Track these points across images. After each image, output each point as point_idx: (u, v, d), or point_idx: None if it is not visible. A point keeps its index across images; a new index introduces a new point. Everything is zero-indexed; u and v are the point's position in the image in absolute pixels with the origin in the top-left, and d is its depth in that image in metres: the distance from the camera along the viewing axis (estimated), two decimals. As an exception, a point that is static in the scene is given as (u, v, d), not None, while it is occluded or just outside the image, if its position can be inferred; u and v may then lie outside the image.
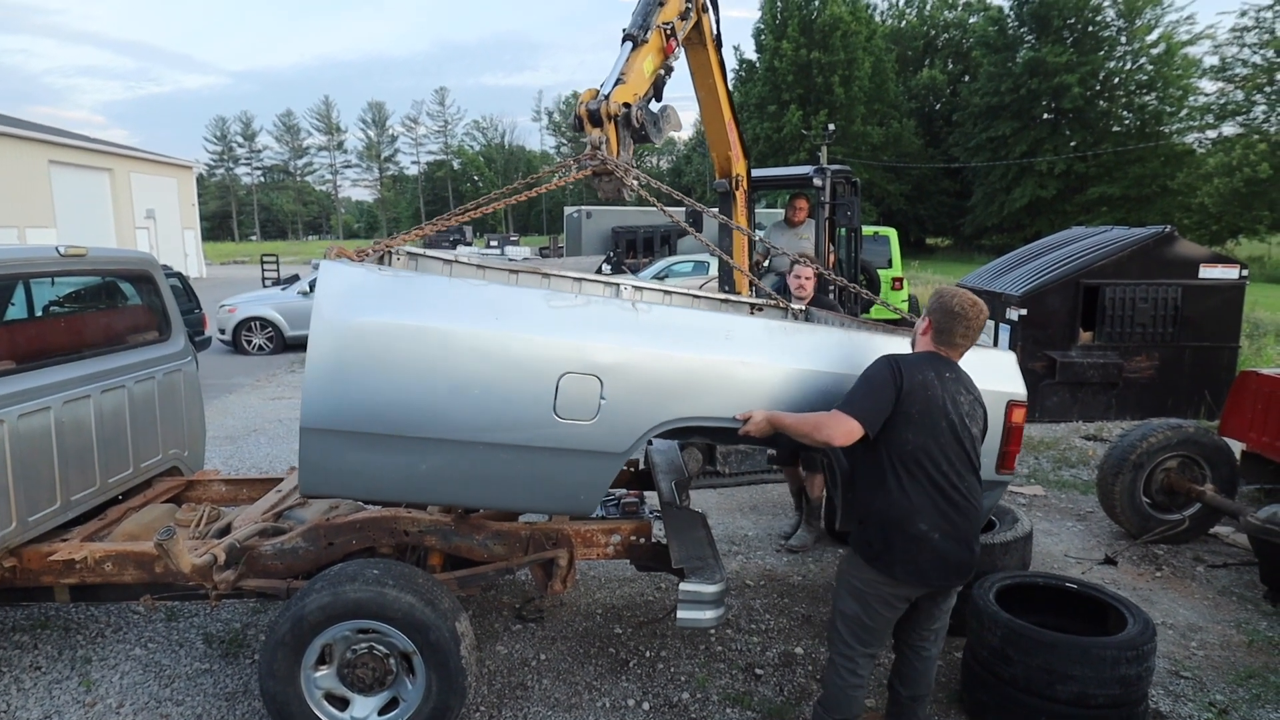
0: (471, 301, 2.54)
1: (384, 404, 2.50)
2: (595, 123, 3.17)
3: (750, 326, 2.76)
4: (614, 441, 2.61)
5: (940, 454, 2.43)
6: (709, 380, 2.64)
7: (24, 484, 3.06)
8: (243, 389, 9.96)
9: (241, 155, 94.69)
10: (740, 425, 2.63)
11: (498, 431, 2.56)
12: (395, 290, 2.51)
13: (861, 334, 2.89)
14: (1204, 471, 4.83)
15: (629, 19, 3.74)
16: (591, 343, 2.56)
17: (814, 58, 44.88)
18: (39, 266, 3.40)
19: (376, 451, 2.57)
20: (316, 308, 2.46)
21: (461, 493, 2.73)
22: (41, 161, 23.70)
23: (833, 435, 2.41)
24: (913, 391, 2.41)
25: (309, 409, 2.49)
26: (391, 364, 2.48)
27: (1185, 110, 38.84)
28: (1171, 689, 3.30)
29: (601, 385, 2.56)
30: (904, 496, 2.43)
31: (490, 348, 2.51)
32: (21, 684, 3.31)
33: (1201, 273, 7.59)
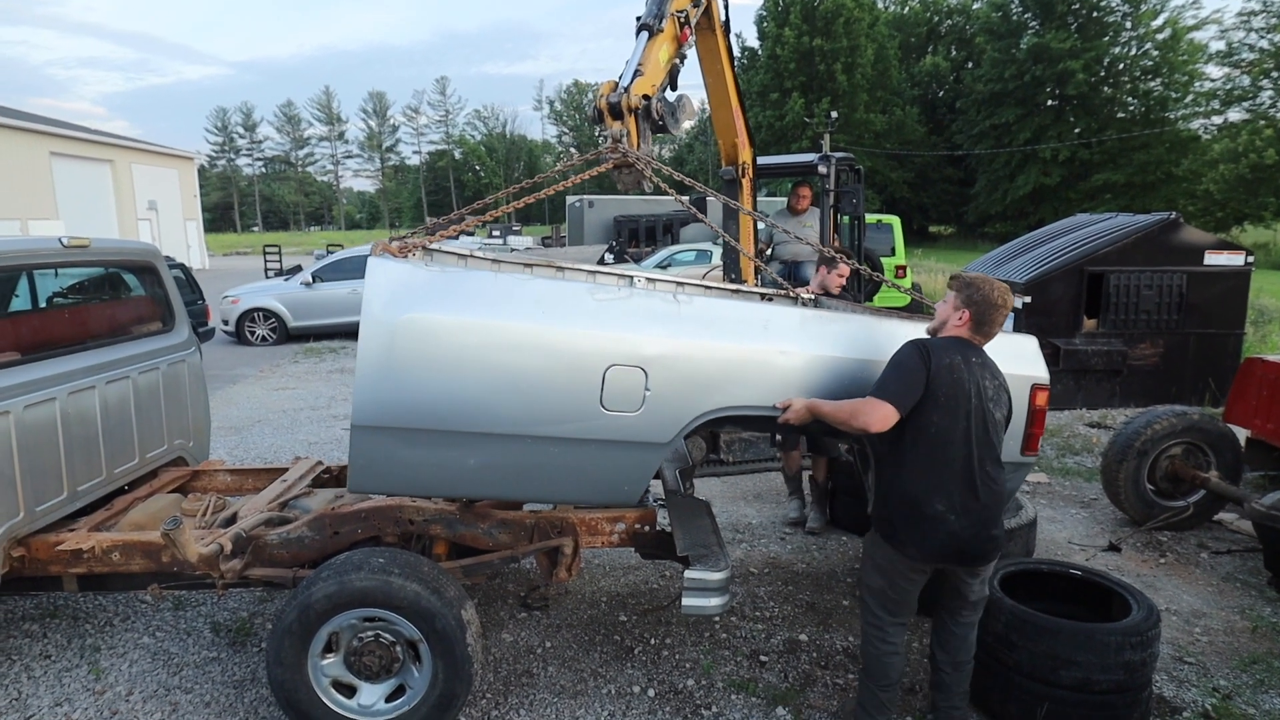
0: (518, 296, 2.54)
1: (434, 400, 2.49)
2: (616, 115, 3.18)
3: (787, 316, 2.80)
4: (658, 432, 2.64)
5: (963, 437, 2.48)
6: (749, 370, 2.68)
7: (31, 474, 3.07)
8: (246, 380, 9.98)
9: (243, 146, 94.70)
10: (780, 413, 2.68)
11: (545, 425, 2.57)
12: (443, 286, 2.50)
13: (889, 321, 2.92)
14: (1208, 458, 4.82)
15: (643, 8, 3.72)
16: (636, 335, 2.57)
17: (816, 45, 44.60)
18: (42, 258, 3.40)
19: (426, 447, 2.57)
20: (366, 305, 2.44)
21: (509, 486, 2.74)
22: (43, 153, 23.69)
23: (869, 421, 2.46)
24: (940, 375, 2.47)
25: (360, 406, 2.48)
26: (441, 359, 2.47)
27: (1191, 96, 38.59)
28: (1175, 674, 3.31)
29: (646, 377, 2.57)
30: (923, 477, 2.49)
31: (537, 342, 2.51)
32: (32, 672, 3.34)
33: (1206, 260, 7.56)
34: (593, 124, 3.29)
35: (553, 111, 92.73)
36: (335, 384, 9.67)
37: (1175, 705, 3.10)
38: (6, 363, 3.09)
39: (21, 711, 3.08)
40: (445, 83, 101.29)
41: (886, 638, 2.69)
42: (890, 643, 2.69)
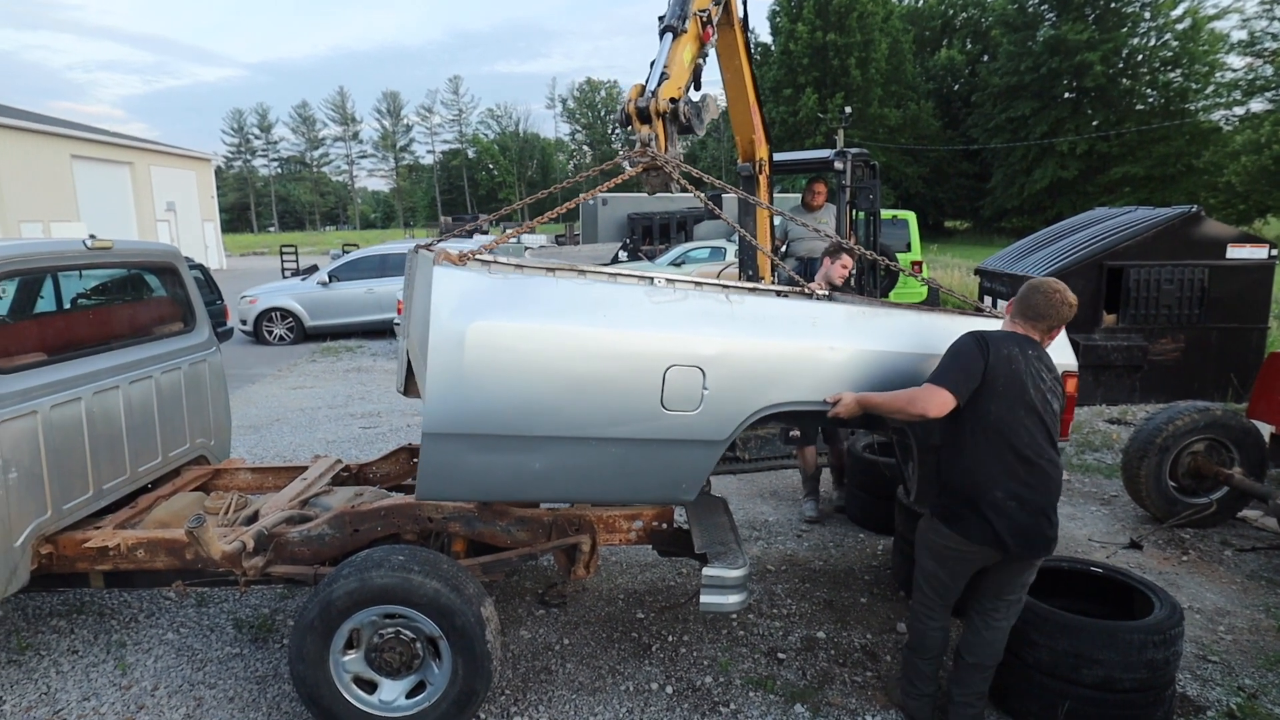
0: (579, 301, 2.58)
1: (501, 405, 2.52)
2: (644, 120, 3.20)
3: (833, 313, 2.85)
4: (716, 430, 2.69)
5: (1021, 426, 2.56)
6: (800, 366, 2.73)
7: (58, 472, 3.12)
8: (265, 379, 10.08)
9: (259, 147, 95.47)
10: (830, 408, 2.74)
11: (608, 426, 2.60)
12: (507, 293, 2.53)
13: (931, 316, 2.99)
14: (1232, 455, 4.76)
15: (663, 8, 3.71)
16: (693, 335, 2.62)
17: (830, 40, 44.32)
18: (67, 259, 3.45)
19: (493, 452, 2.61)
20: (434, 314, 2.45)
21: (571, 488, 2.78)
22: (64, 156, 24.01)
23: (928, 407, 2.53)
24: (998, 365, 2.54)
25: (431, 414, 2.50)
26: (507, 365, 2.50)
27: (1212, 86, 37.96)
28: (1199, 673, 3.28)
29: (704, 376, 2.61)
30: (984, 465, 2.57)
31: (599, 345, 2.55)
32: (60, 667, 3.40)
33: (1229, 253, 7.45)
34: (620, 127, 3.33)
35: (565, 109, 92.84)
36: (352, 383, 9.75)
37: (1199, 704, 3.07)
38: (33, 363, 3.14)
39: (51, 705, 3.14)
40: (458, 82, 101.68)
41: (933, 616, 2.82)
42: (936, 620, 2.83)
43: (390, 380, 9.82)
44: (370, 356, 11.64)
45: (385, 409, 8.28)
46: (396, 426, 7.52)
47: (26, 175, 22.13)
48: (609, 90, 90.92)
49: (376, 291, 12.73)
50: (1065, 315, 2.67)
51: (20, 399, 2.96)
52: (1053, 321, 2.68)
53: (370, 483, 4.09)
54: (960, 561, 2.70)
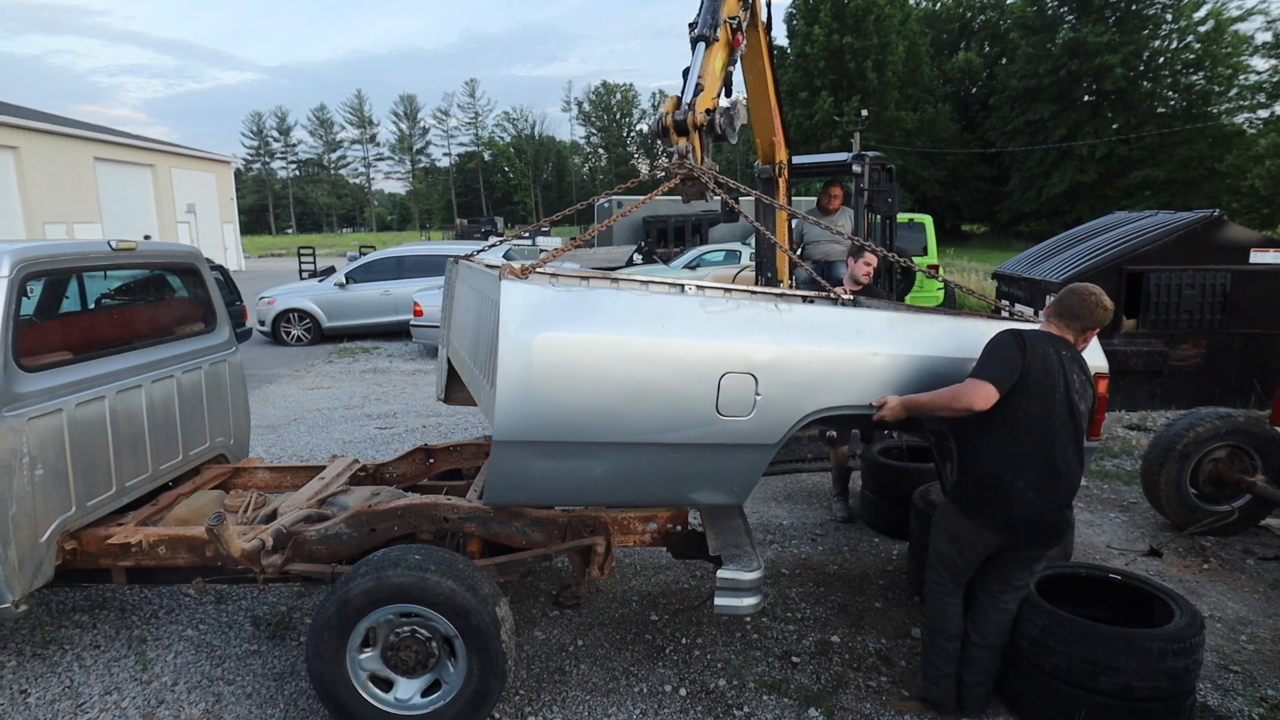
0: (638, 311, 2.66)
1: (568, 413, 2.60)
2: (681, 132, 3.26)
3: (876, 320, 2.95)
4: (768, 434, 2.77)
5: (1049, 423, 2.67)
6: (846, 371, 2.83)
7: (82, 470, 3.18)
8: (282, 379, 10.18)
9: (277, 149, 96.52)
10: (875, 411, 2.83)
11: (667, 432, 2.68)
12: (571, 305, 2.62)
13: (966, 321, 3.09)
14: (1254, 462, 4.70)
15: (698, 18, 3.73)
16: (746, 343, 2.70)
17: (846, 42, 44.21)
18: (92, 260, 3.51)
19: (559, 459, 2.69)
20: (503, 326, 2.53)
21: (631, 492, 2.87)
22: (88, 159, 24.36)
23: (973, 400, 2.63)
24: (1033, 363, 2.65)
25: (502, 422, 2.57)
26: (574, 374, 2.58)
27: (1235, 89, 37.50)
28: (1220, 683, 3.23)
29: (756, 382, 2.70)
30: (1007, 457, 2.69)
31: (659, 353, 2.63)
32: (83, 661, 3.45)
33: (1252, 258, 7.35)
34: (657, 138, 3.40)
35: (581, 113, 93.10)
36: (368, 383, 9.83)
37: (1220, 714, 3.03)
38: (59, 362, 3.19)
39: (74, 699, 3.19)
40: (474, 85, 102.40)
41: (949, 595, 2.94)
42: (952, 598, 2.94)
43: (406, 381, 9.89)
44: (386, 358, 11.72)
45: (401, 410, 8.34)
46: (412, 427, 7.57)
47: (51, 177, 22.49)
48: (624, 94, 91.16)
49: (393, 293, 12.82)
50: (1101, 318, 2.77)
51: (46, 397, 3.01)
52: (1087, 323, 2.78)
53: (387, 483, 4.13)
54: (973, 545, 2.83)
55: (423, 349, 12.09)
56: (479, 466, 4.13)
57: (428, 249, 14.45)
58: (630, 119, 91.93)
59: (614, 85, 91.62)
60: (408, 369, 10.80)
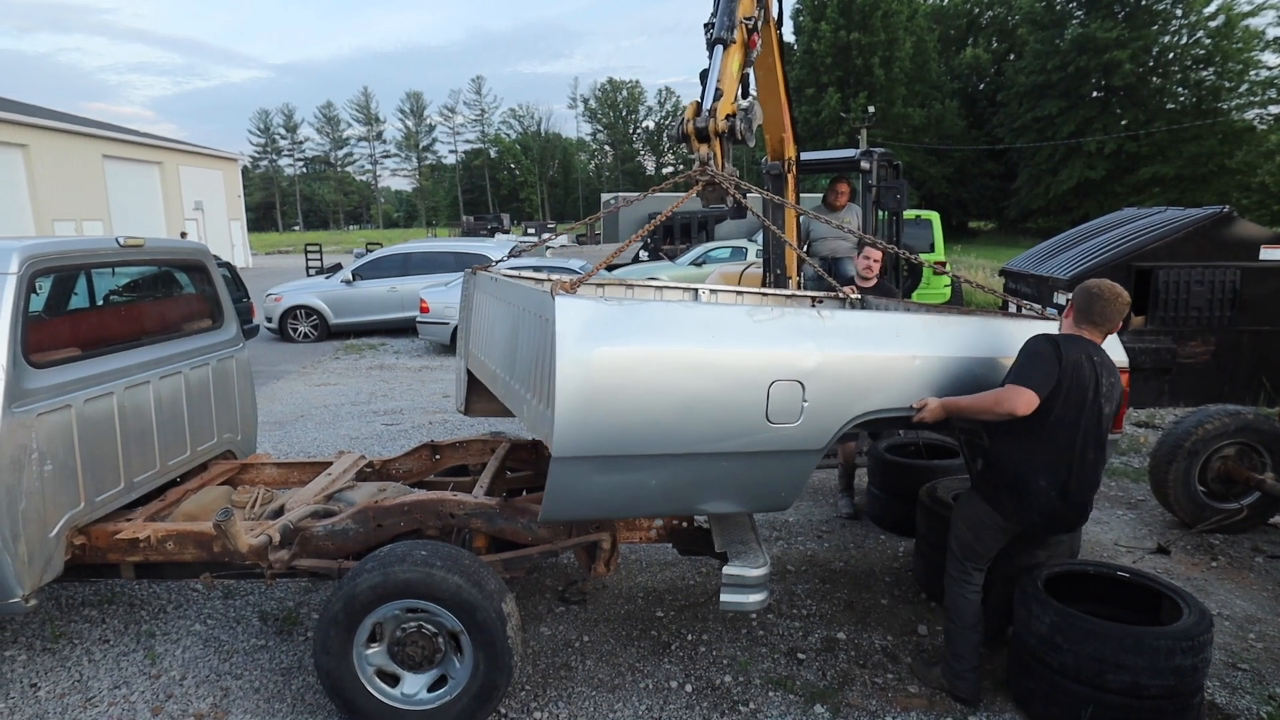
0: (688, 322, 2.66)
1: (625, 426, 2.60)
2: (702, 139, 3.26)
3: (913, 324, 2.98)
4: (814, 439, 2.79)
5: (1077, 427, 2.77)
6: (887, 375, 2.86)
7: (91, 465, 3.19)
8: (290, 376, 10.22)
9: (284, 147, 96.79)
10: (915, 413, 2.87)
11: (720, 441, 2.69)
12: (624, 318, 2.62)
13: (994, 321, 3.15)
14: (1264, 459, 4.67)
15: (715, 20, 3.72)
16: (793, 350, 2.72)
17: (853, 39, 44.05)
18: (100, 257, 3.52)
19: (615, 472, 2.68)
20: (559, 342, 2.51)
21: (683, 502, 2.87)
22: (96, 156, 24.49)
23: (1016, 406, 2.70)
24: (1067, 369, 2.74)
25: (562, 439, 2.55)
26: (630, 388, 2.57)
27: (1245, 85, 37.21)
28: (1228, 681, 3.22)
29: (803, 389, 2.72)
30: (1034, 455, 2.80)
31: (710, 363, 2.64)
32: (92, 655, 3.48)
33: (1262, 254, 7.29)
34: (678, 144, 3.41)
35: (587, 110, 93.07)
36: (375, 380, 9.85)
37: (1228, 713, 3.02)
38: (67, 358, 3.21)
39: (83, 693, 3.21)
40: (480, 82, 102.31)
41: (969, 580, 3.05)
42: (971, 583, 3.05)
43: (412, 378, 9.92)
44: (393, 354, 11.75)
45: (407, 406, 8.36)
46: (418, 423, 7.59)
47: (60, 175, 22.61)
48: (630, 90, 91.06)
49: (399, 290, 12.85)
50: (1124, 316, 2.86)
51: (55, 393, 3.03)
52: (1114, 324, 2.86)
53: (393, 479, 4.14)
54: (993, 533, 2.97)
55: (429, 345, 12.12)
56: (484, 463, 4.14)
57: (434, 246, 14.48)
58: (636, 116, 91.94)
59: (620, 82, 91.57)
60: (414, 365, 10.83)
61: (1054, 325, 3.07)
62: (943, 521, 3.78)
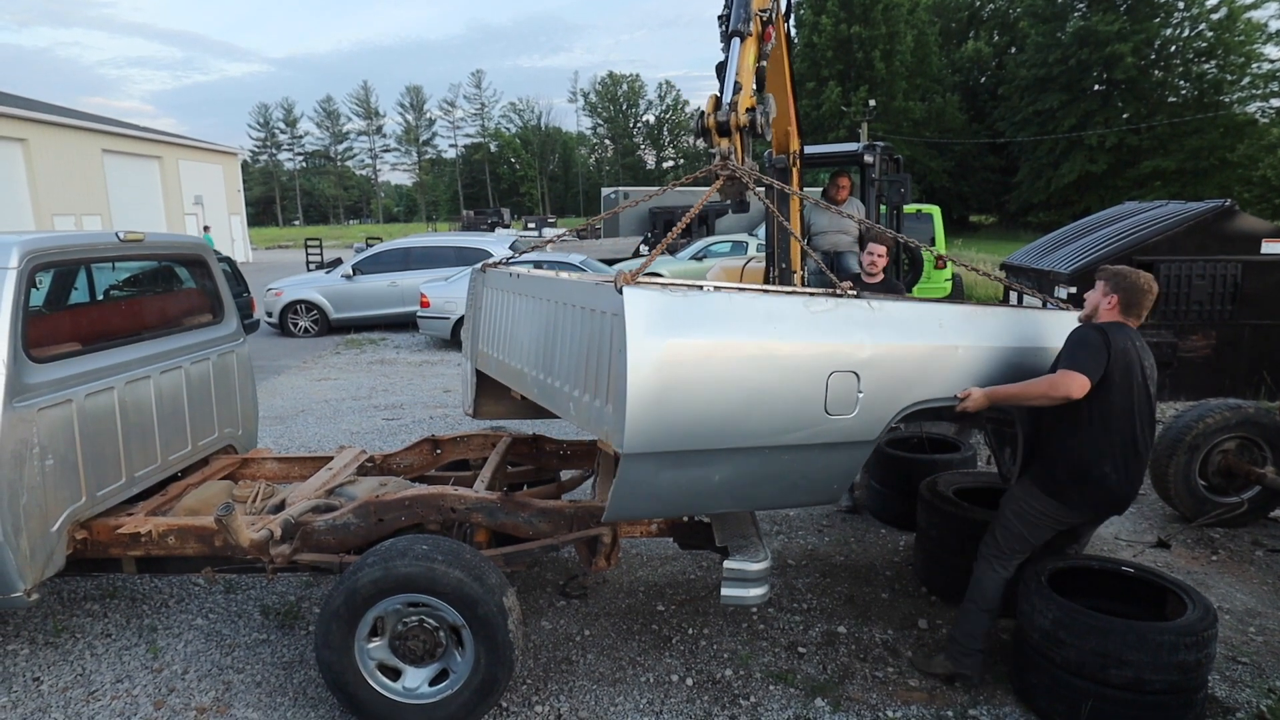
0: (751, 314, 2.64)
1: (695, 420, 2.56)
2: (723, 133, 3.24)
3: (955, 314, 3.00)
4: (868, 430, 2.80)
5: (1131, 410, 2.87)
6: (934, 365, 2.90)
7: (92, 460, 3.19)
8: (290, 370, 10.22)
9: (284, 141, 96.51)
10: (959, 403, 2.91)
11: (781, 434, 2.68)
12: (689, 310, 2.57)
13: (1025, 313, 3.21)
14: (1264, 453, 4.67)
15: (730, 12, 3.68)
16: (847, 341, 2.72)
17: (854, 32, 43.92)
18: (100, 251, 3.52)
19: (681, 469, 2.65)
20: (630, 336, 2.44)
21: (743, 497, 2.86)
22: (95, 151, 24.44)
23: (1070, 390, 2.77)
24: (1117, 356, 2.82)
25: (633, 434, 2.49)
26: (699, 381, 2.53)
27: (1248, 78, 37.11)
28: (1229, 675, 3.22)
29: (858, 380, 2.72)
30: (1095, 444, 2.87)
31: (773, 355, 2.62)
32: (94, 649, 3.48)
33: (1264, 248, 7.27)
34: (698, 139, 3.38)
35: (587, 103, 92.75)
36: (375, 375, 9.85)
37: (1228, 706, 3.02)
38: (68, 353, 3.20)
39: (86, 686, 3.22)
40: (480, 76, 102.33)
41: (1005, 566, 3.10)
42: (1007, 570, 3.11)
43: (413, 372, 9.91)
44: (394, 349, 11.75)
45: (408, 401, 8.37)
46: (419, 418, 7.59)
47: (59, 169, 22.57)
48: (631, 84, 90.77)
49: (400, 284, 12.84)
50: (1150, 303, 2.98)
51: (56, 388, 3.03)
52: (1147, 310, 2.96)
53: (394, 473, 4.14)
54: (1050, 525, 3.04)
55: (429, 340, 12.11)
56: (485, 457, 4.13)
57: (434, 240, 14.46)
58: (636, 110, 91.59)
59: (620, 76, 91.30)
60: (414, 360, 10.82)
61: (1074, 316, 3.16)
62: (943, 515, 3.79)
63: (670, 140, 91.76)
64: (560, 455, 4.28)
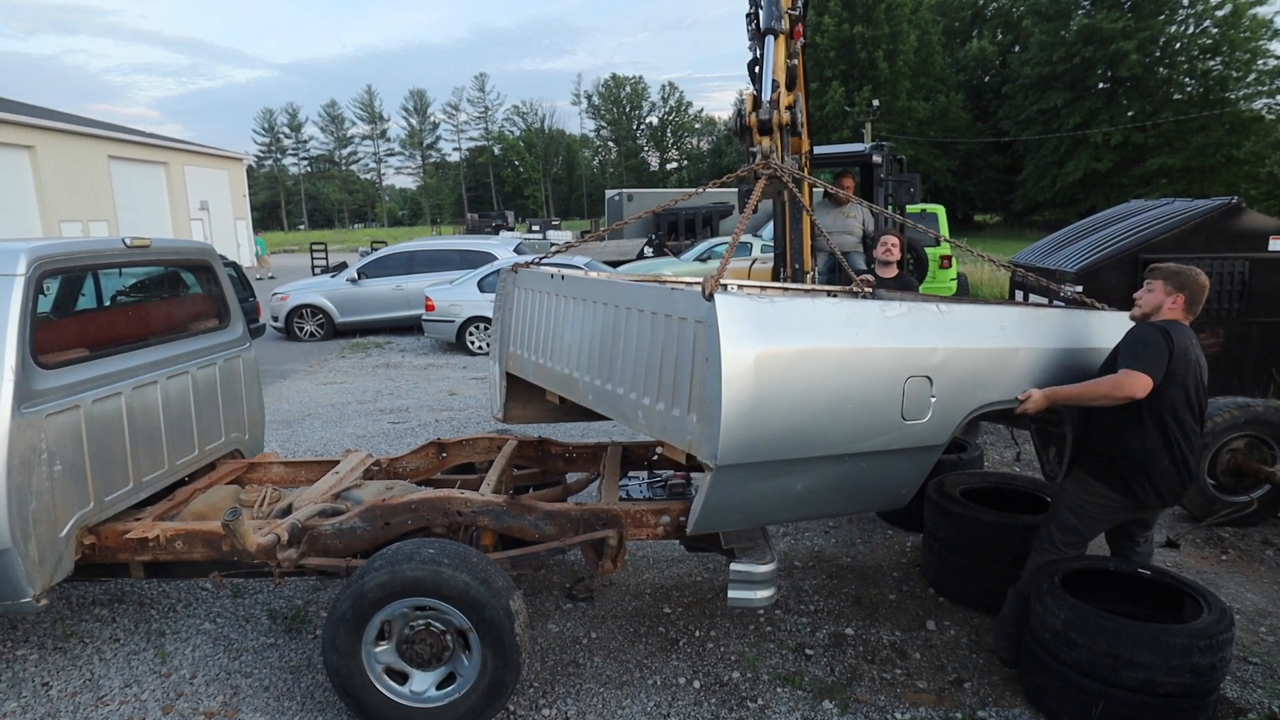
0: (834, 319, 2.63)
1: (784, 430, 2.53)
2: (764, 131, 3.23)
3: (1013, 316, 3.03)
4: (939, 435, 2.80)
5: (1187, 406, 2.95)
6: (999, 367, 2.91)
7: (100, 465, 3.20)
8: (296, 375, 10.24)
9: (289, 146, 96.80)
10: (1019, 404, 2.94)
11: (861, 440, 2.67)
12: (778, 316, 2.55)
13: (1074, 314, 3.26)
14: (1273, 452, 4.64)
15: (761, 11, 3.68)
16: (921, 345, 2.72)
17: (857, 32, 43.88)
18: (107, 258, 3.53)
19: (768, 478, 2.62)
20: (723, 345, 2.40)
21: (821, 505, 2.88)
22: (102, 157, 24.56)
23: (1134, 389, 2.82)
24: (1178, 355, 2.89)
25: (728, 446, 2.44)
26: (789, 389, 2.51)
27: (1254, 74, 36.98)
28: (1240, 675, 3.20)
29: (931, 384, 2.72)
30: (1156, 438, 2.96)
31: (855, 361, 2.62)
32: (103, 654, 3.49)
33: (1271, 245, 7.22)
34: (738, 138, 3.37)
35: (591, 106, 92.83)
36: (381, 378, 9.87)
37: (1240, 707, 3.00)
38: (75, 359, 3.22)
39: (95, 691, 3.23)
40: (484, 79, 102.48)
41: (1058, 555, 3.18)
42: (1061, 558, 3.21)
43: (418, 376, 9.93)
44: (399, 353, 11.77)
45: (414, 404, 8.38)
46: (425, 421, 7.60)
47: (66, 176, 22.68)
48: (634, 86, 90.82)
49: (405, 288, 12.87)
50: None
51: (64, 394, 3.04)
52: (1200, 307, 3.03)
53: (400, 477, 4.14)
54: (1108, 517, 3.15)
55: (435, 343, 12.13)
56: (491, 460, 4.13)
57: (439, 244, 14.48)
58: (640, 111, 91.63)
59: (623, 78, 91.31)
60: (420, 364, 10.84)
61: (1122, 315, 3.23)
62: (950, 516, 3.77)
63: (674, 142, 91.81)
64: (566, 458, 4.27)
